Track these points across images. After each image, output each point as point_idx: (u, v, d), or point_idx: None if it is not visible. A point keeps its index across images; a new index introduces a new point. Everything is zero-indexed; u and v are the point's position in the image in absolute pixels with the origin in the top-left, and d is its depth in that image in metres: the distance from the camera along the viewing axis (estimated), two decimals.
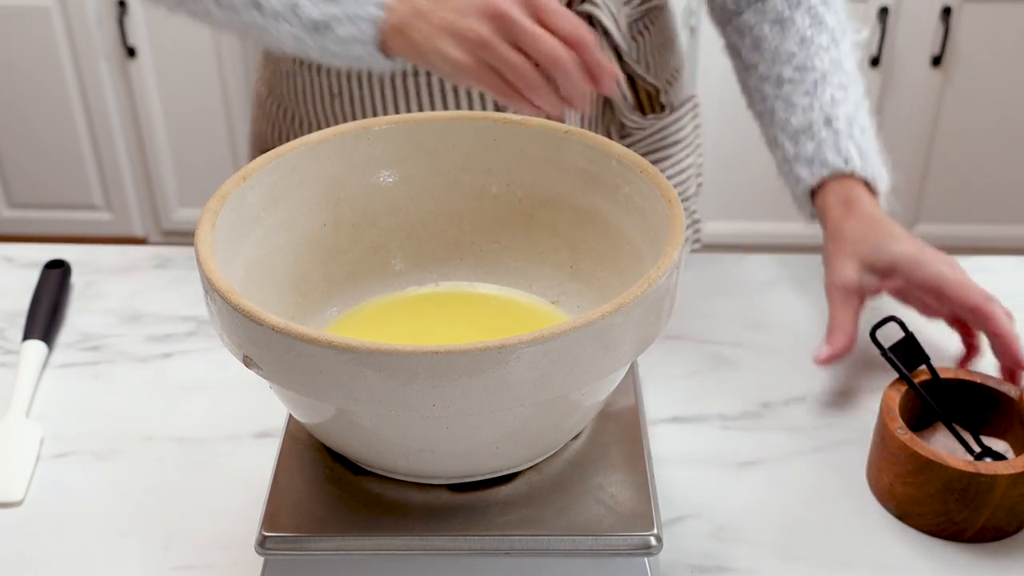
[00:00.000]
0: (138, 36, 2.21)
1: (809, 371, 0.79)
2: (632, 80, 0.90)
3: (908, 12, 2.09)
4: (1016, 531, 0.66)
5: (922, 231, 2.30)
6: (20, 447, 0.72)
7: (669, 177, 0.99)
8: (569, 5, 0.86)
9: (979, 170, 2.24)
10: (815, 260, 0.92)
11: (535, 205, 0.67)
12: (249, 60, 2.24)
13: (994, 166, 2.24)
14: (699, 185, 1.06)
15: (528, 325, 0.65)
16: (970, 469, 0.63)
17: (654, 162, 0.99)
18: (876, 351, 0.69)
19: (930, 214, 2.29)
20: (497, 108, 0.87)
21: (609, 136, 0.95)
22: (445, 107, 0.88)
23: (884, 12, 2.09)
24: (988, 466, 0.64)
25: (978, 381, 0.71)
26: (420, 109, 0.88)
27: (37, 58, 2.24)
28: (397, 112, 0.88)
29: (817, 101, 0.84)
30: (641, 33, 0.93)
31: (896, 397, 0.69)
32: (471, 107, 0.88)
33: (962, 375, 0.72)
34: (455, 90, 0.87)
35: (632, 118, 0.91)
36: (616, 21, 0.86)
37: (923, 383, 0.71)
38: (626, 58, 0.87)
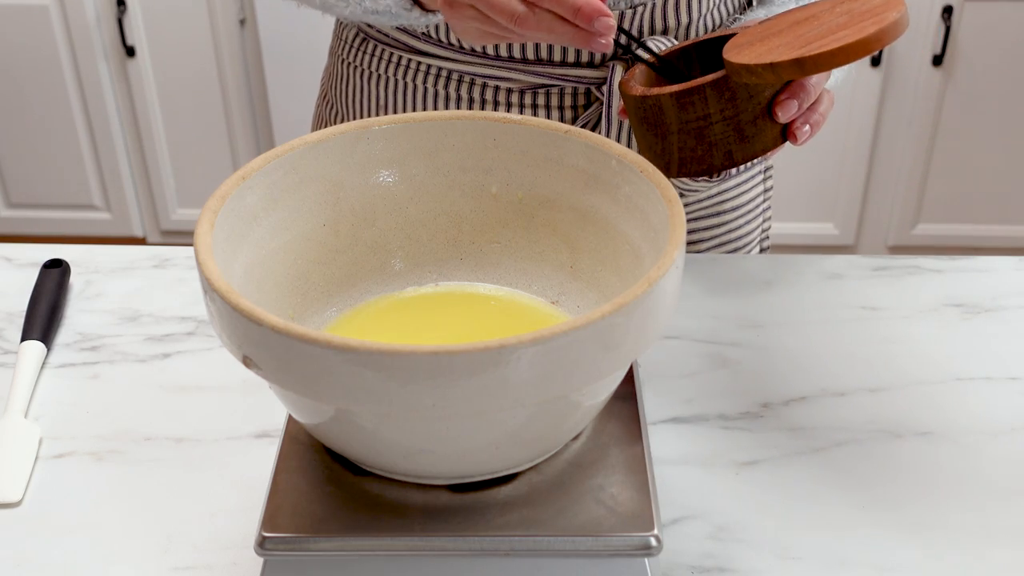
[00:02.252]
0: (137, 35, 2.21)
1: (809, 371, 0.79)
2: None
3: (909, 11, 2.09)
4: (723, 165, 0.69)
5: (922, 231, 2.30)
6: (18, 448, 0.72)
7: (721, 244, 0.97)
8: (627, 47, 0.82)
9: (979, 170, 2.24)
10: (815, 260, 0.92)
11: (535, 205, 0.67)
12: (249, 60, 2.24)
13: (994, 166, 2.24)
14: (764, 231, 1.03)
15: (528, 325, 0.65)
16: (639, 93, 0.67)
17: (705, 228, 0.96)
18: (876, 352, 0.69)
19: (930, 214, 2.29)
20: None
21: None
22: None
23: None
24: (654, 89, 0.67)
25: (704, 38, 0.74)
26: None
27: (36, 57, 2.24)
28: None
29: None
30: None
31: (635, 73, 0.72)
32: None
33: (677, 46, 0.75)
34: (511, 103, 0.86)
35: (684, 180, 0.89)
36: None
37: (667, 59, 0.74)
38: None
